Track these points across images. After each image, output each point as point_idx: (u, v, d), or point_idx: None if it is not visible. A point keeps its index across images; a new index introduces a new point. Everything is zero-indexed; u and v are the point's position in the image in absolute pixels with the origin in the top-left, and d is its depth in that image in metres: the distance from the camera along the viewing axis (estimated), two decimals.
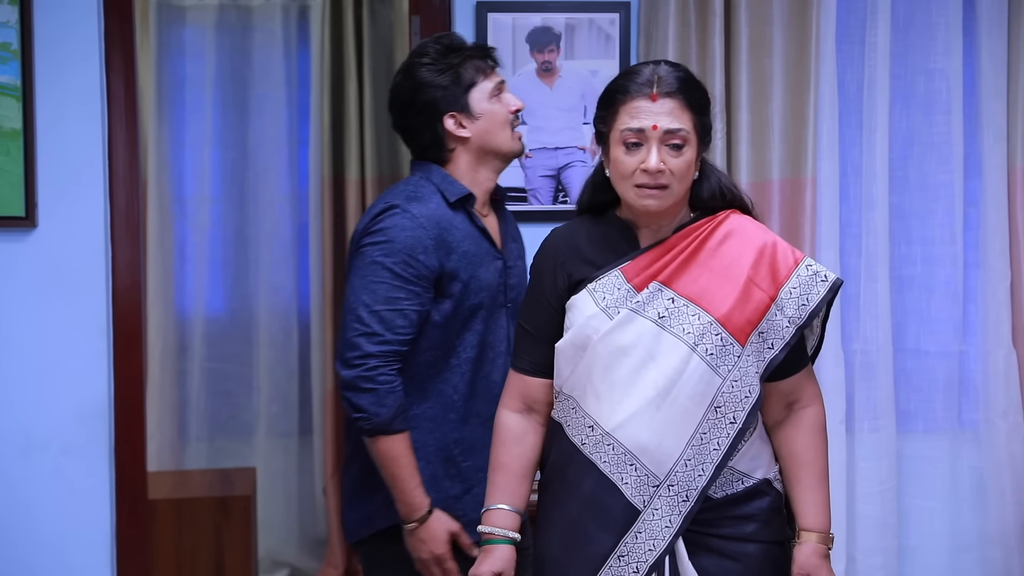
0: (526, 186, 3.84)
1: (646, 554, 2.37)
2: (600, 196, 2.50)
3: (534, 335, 2.49)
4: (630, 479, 2.37)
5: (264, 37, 5.38)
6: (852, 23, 3.87)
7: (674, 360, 2.35)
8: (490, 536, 2.47)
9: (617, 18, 3.83)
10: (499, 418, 2.53)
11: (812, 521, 2.47)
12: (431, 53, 2.81)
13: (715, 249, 2.40)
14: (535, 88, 3.82)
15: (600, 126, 2.43)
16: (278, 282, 5.44)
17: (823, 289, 2.40)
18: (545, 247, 2.53)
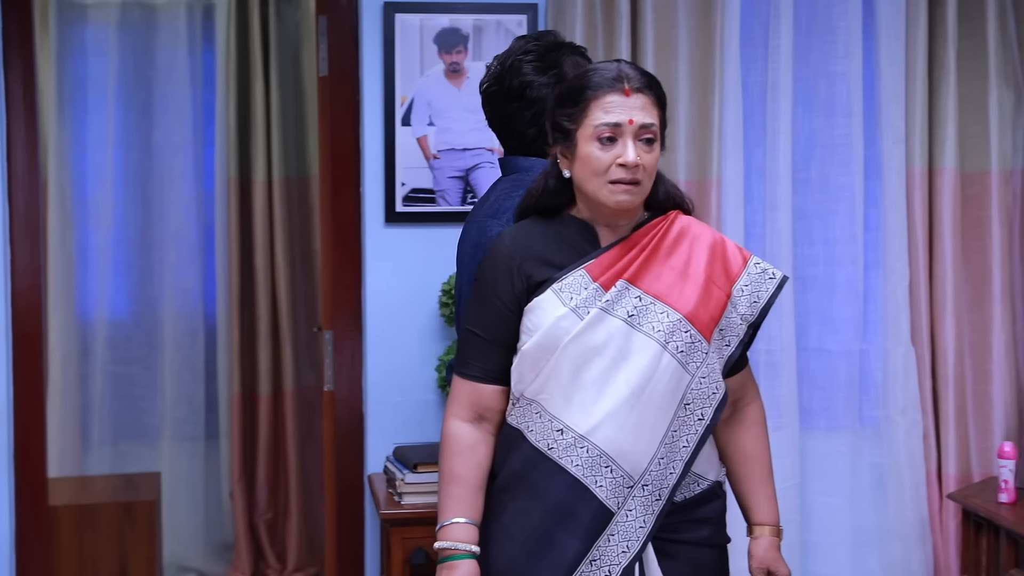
0: (434, 187, 3.84)
1: (619, 557, 2.35)
2: (556, 199, 2.43)
3: (488, 340, 2.40)
4: (605, 482, 2.33)
5: (168, 36, 5.31)
6: (756, 26, 3.92)
7: (646, 358, 2.33)
8: (452, 552, 2.37)
9: (524, 19, 3.84)
10: (449, 428, 2.42)
11: (765, 515, 2.52)
12: (535, 50, 2.81)
13: (671, 248, 2.41)
14: (443, 89, 3.82)
15: (566, 124, 2.36)
16: (183, 284, 5.38)
17: (771, 286, 2.44)
18: (497, 250, 2.42)
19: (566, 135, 2.36)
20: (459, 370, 2.43)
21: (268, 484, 5.35)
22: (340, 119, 3.93)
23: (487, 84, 2.83)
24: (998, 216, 3.92)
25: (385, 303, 3.86)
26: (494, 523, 2.39)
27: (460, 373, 2.43)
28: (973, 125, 3.94)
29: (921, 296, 3.94)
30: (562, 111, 2.36)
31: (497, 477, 2.41)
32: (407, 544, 3.48)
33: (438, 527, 2.39)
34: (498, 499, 2.40)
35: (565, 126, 2.36)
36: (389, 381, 3.87)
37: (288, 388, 5.33)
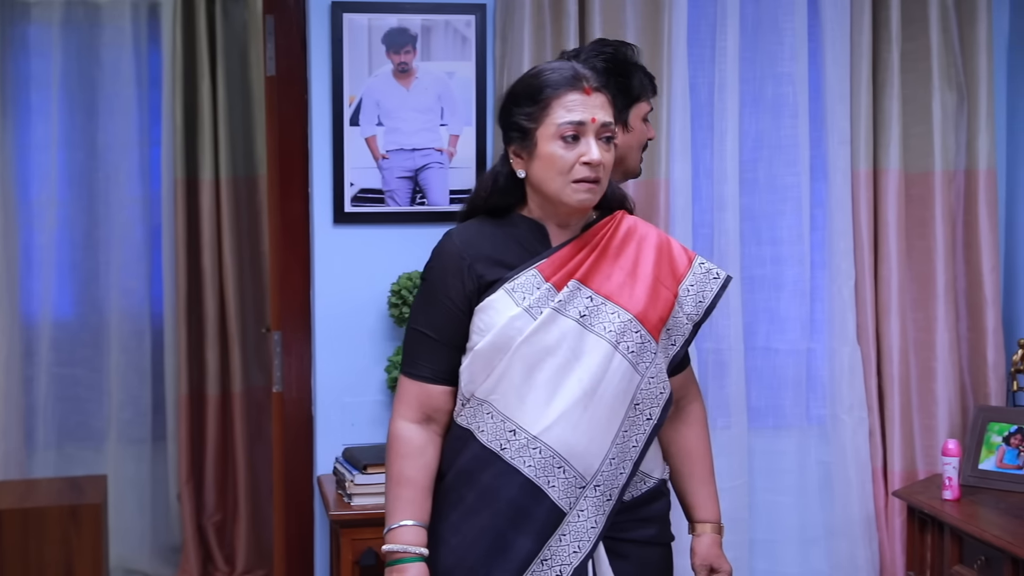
0: (383, 188, 3.83)
1: (570, 556, 2.35)
2: (507, 199, 2.43)
3: (437, 341, 2.39)
4: (557, 482, 2.33)
5: (113, 35, 5.26)
6: (703, 28, 3.94)
7: (597, 358, 2.34)
8: (401, 555, 2.35)
9: (473, 20, 3.84)
10: (397, 430, 2.40)
11: (708, 513, 2.56)
12: (621, 52, 2.94)
13: (620, 248, 2.42)
14: (391, 89, 3.81)
15: (525, 123, 2.34)
16: (129, 285, 5.33)
17: (716, 286, 2.47)
18: (446, 250, 2.40)
19: (525, 134, 2.35)
20: (406, 371, 2.42)
21: (216, 486, 5.32)
22: (288, 119, 3.91)
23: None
24: (941, 216, 3.97)
25: (334, 304, 3.84)
26: (442, 523, 2.39)
27: (407, 374, 2.42)
28: (916, 126, 3.98)
29: (867, 295, 3.98)
30: (520, 110, 2.35)
31: (445, 477, 2.40)
32: (357, 545, 3.47)
33: (386, 530, 2.38)
34: (446, 499, 2.39)
35: (524, 125, 2.34)
36: (338, 382, 3.85)
37: (236, 389, 5.31)
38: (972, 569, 3.37)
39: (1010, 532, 3.24)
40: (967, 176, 4.01)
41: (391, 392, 3.82)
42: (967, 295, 4.04)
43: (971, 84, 3.98)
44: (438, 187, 3.84)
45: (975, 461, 3.73)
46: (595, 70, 2.79)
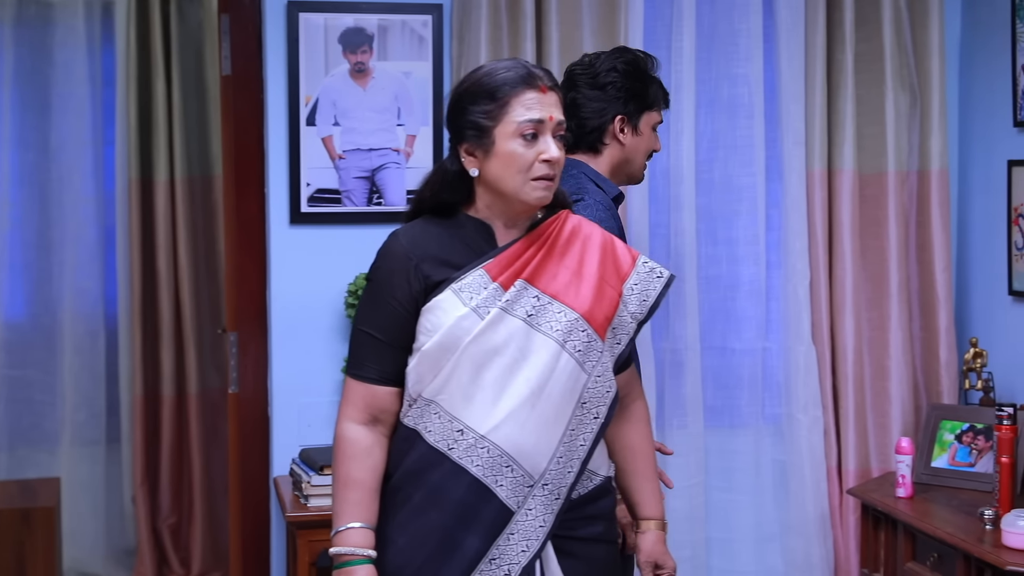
0: (340, 188, 3.82)
1: (519, 556, 2.35)
2: (454, 197, 2.41)
3: (384, 342, 2.37)
4: (505, 481, 2.33)
5: (66, 34, 5.21)
6: (659, 29, 3.96)
7: (545, 358, 2.34)
8: (349, 557, 2.34)
9: (430, 20, 3.83)
10: (344, 431, 2.38)
11: (653, 510, 2.57)
12: (641, 62, 3.10)
13: (565, 247, 2.42)
14: (348, 89, 3.80)
15: (484, 121, 2.33)
16: (83, 286, 5.29)
17: (659, 285, 2.48)
18: (392, 250, 2.39)
19: (481, 132, 2.33)
20: (352, 372, 2.40)
21: (172, 488, 5.28)
22: (244, 118, 3.89)
23: (587, 62, 3.10)
24: (895, 216, 4.00)
25: (290, 304, 3.83)
26: (389, 523, 2.38)
27: (353, 375, 2.40)
28: (870, 127, 4.01)
29: (821, 295, 4.01)
30: (477, 108, 2.33)
31: (392, 477, 2.39)
32: (313, 547, 3.46)
33: (333, 532, 2.37)
34: (393, 499, 2.38)
35: (482, 123, 2.33)
36: (295, 383, 3.84)
37: (192, 391, 5.28)
38: (925, 566, 3.40)
39: (962, 529, 3.27)
40: (920, 176, 4.05)
41: None
42: (920, 294, 4.08)
43: (924, 85, 4.02)
44: (395, 187, 3.84)
45: (928, 459, 3.77)
46: (614, 70, 3.04)
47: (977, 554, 3.12)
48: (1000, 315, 3.98)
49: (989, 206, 4.02)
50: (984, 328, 4.04)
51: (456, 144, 2.38)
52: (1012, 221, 3.86)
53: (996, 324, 3.99)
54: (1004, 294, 3.94)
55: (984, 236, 4.07)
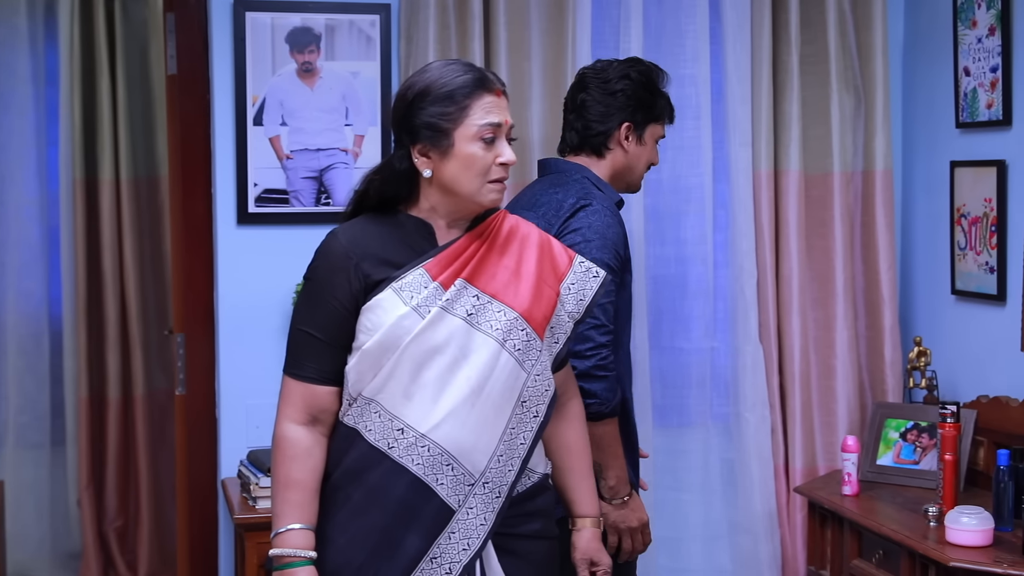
0: (287, 188, 3.80)
1: (459, 554, 2.35)
2: (399, 194, 2.41)
3: (324, 341, 2.36)
4: (446, 480, 2.34)
5: (7, 32, 5.16)
6: (606, 29, 3.97)
7: (485, 356, 2.35)
8: (291, 559, 2.33)
9: (377, 20, 3.82)
10: (284, 432, 2.38)
11: (588, 507, 2.60)
12: (654, 74, 3.17)
13: (503, 247, 2.44)
14: (295, 89, 3.78)
15: (442, 123, 2.33)
16: (27, 287, 5.23)
17: (595, 284, 2.52)
18: (332, 249, 2.38)
19: (439, 134, 2.34)
20: (291, 371, 2.40)
21: (118, 491, 5.24)
22: (190, 118, 3.86)
23: (600, 67, 3.18)
24: (840, 216, 4.04)
25: (238, 305, 3.81)
26: (328, 523, 2.37)
27: (292, 375, 2.39)
28: (815, 128, 4.05)
29: (768, 294, 4.04)
30: (436, 110, 2.33)
31: (331, 477, 2.39)
32: (261, 549, 3.43)
33: (273, 534, 2.36)
34: (332, 499, 2.38)
35: (441, 125, 2.33)
36: (242, 384, 3.82)
37: (138, 393, 5.24)
38: (871, 563, 3.44)
39: (907, 526, 3.31)
40: (864, 177, 4.09)
41: None
42: (865, 294, 4.12)
43: (868, 87, 4.06)
44: (343, 187, 3.83)
45: (873, 457, 3.81)
46: (627, 78, 3.11)
47: (921, 551, 3.15)
48: (943, 314, 4.02)
49: (932, 207, 4.07)
50: (928, 327, 4.09)
51: (408, 145, 2.37)
52: (955, 221, 3.91)
53: (939, 323, 4.04)
54: (947, 293, 3.98)
55: (927, 236, 4.11)
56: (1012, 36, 3.62)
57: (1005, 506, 3.21)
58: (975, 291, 3.83)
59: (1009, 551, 3.05)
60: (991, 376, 3.75)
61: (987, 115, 3.74)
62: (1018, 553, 3.03)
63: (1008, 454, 3.25)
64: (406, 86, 2.40)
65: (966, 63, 3.82)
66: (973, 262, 3.82)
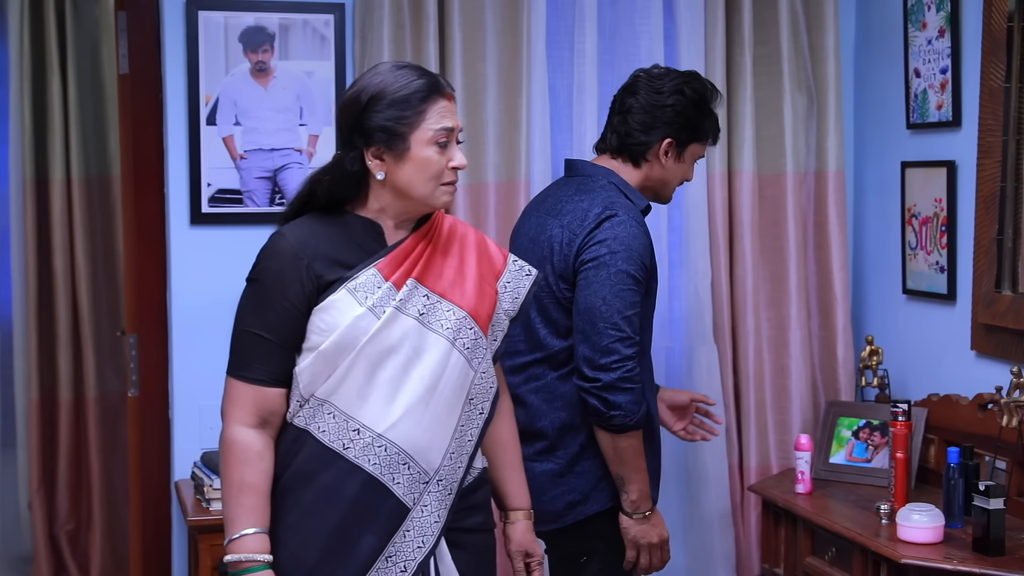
0: (241, 188, 3.78)
1: (415, 552, 2.37)
2: (349, 195, 2.42)
3: (275, 343, 2.35)
4: (402, 479, 2.35)
5: None
6: (561, 30, 3.97)
7: (437, 355, 2.38)
8: (249, 564, 2.32)
9: (332, 19, 3.81)
10: (234, 435, 2.36)
11: (521, 500, 2.66)
12: (707, 95, 3.14)
13: (446, 247, 2.47)
14: (249, 89, 3.76)
15: (399, 127, 2.34)
16: None
17: (528, 282, 2.58)
18: (281, 250, 2.37)
19: (396, 138, 2.35)
20: (240, 374, 2.38)
21: (70, 493, 5.20)
22: (142, 118, 3.84)
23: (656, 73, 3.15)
24: (793, 216, 4.07)
25: (191, 306, 3.78)
26: (278, 526, 2.37)
27: (241, 377, 2.38)
28: (769, 129, 4.07)
29: (723, 294, 4.06)
30: (392, 113, 2.34)
31: (280, 479, 2.38)
32: (216, 551, 3.41)
33: (228, 540, 2.34)
34: (281, 501, 2.37)
35: (398, 129, 2.34)
36: (196, 385, 3.79)
37: (90, 394, 5.19)
38: (824, 560, 3.46)
39: (859, 524, 3.34)
40: (817, 177, 4.12)
41: None
42: (818, 294, 4.14)
43: (820, 87, 4.09)
44: (292, 187, 3.81)
45: (826, 455, 3.83)
46: (680, 93, 3.09)
47: (874, 548, 3.18)
48: (895, 313, 4.06)
49: (884, 207, 4.11)
50: (879, 326, 4.12)
51: (362, 147, 2.37)
52: (906, 221, 3.95)
53: (891, 322, 4.08)
54: (898, 292, 4.02)
55: (879, 236, 4.15)
56: (961, 38, 3.66)
57: (955, 503, 3.25)
58: (926, 290, 3.86)
59: (959, 548, 3.09)
60: (942, 375, 3.79)
61: (937, 116, 3.77)
62: (968, 550, 3.06)
63: (958, 452, 3.28)
64: (358, 89, 2.40)
65: (916, 64, 3.86)
66: (924, 262, 3.86)
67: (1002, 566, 2.95)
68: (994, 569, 2.94)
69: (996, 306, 3.47)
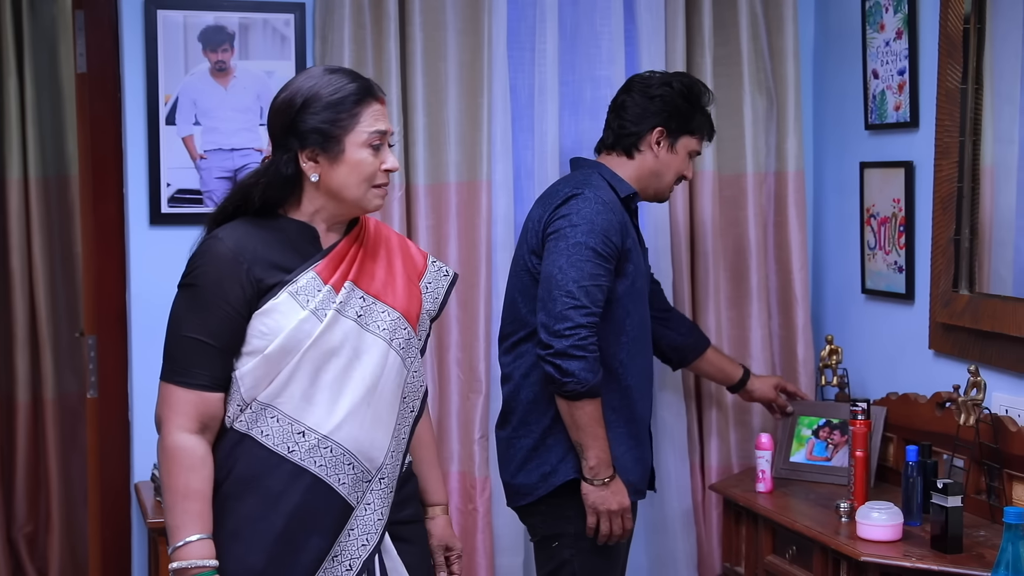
0: (201, 188, 3.76)
1: (359, 550, 2.41)
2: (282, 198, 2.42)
3: (216, 347, 2.34)
4: (347, 478, 2.38)
5: None
6: (523, 31, 3.98)
7: (376, 356, 2.42)
8: (197, 570, 2.30)
9: (292, 19, 3.80)
10: (177, 441, 2.33)
11: (440, 496, 2.72)
12: (696, 88, 3.35)
13: (375, 249, 2.50)
14: (209, 88, 3.74)
15: (333, 129, 2.36)
16: None
17: (446, 283, 2.63)
18: (219, 253, 2.37)
19: (330, 140, 2.37)
20: (179, 379, 2.35)
21: (28, 496, 5.16)
22: (100, 117, 3.81)
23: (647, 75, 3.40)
24: (754, 216, 4.08)
25: (151, 306, 3.76)
26: (220, 531, 2.36)
27: (181, 383, 2.35)
28: (729, 129, 4.08)
29: (684, 294, 4.07)
30: (327, 116, 2.37)
31: (221, 485, 2.37)
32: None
33: (173, 547, 2.32)
34: (223, 506, 2.37)
35: (332, 132, 2.37)
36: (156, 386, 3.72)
37: (48, 396, 5.15)
38: (784, 558, 3.48)
39: (819, 522, 3.36)
40: (777, 178, 4.14)
41: None
42: (778, 293, 4.16)
43: (780, 88, 4.11)
44: None
45: (786, 454, 3.85)
46: (669, 85, 3.31)
47: (834, 546, 3.20)
48: (854, 313, 4.09)
49: (843, 207, 4.13)
50: (839, 325, 4.15)
51: (296, 149, 2.39)
52: (864, 222, 3.97)
53: (850, 322, 4.11)
54: (857, 292, 4.05)
55: (838, 236, 4.18)
56: (919, 40, 3.69)
57: (914, 501, 3.27)
58: (884, 290, 3.89)
59: (918, 545, 3.11)
60: (900, 373, 3.82)
61: (895, 117, 3.80)
62: (926, 547, 3.09)
63: (917, 450, 3.30)
64: (291, 92, 2.42)
65: (874, 66, 3.89)
66: (883, 261, 3.89)
67: (960, 563, 2.97)
68: (952, 566, 2.96)
69: (953, 306, 3.50)
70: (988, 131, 3.44)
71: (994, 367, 3.35)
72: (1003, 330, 3.29)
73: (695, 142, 3.37)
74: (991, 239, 3.46)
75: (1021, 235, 3.39)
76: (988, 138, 3.44)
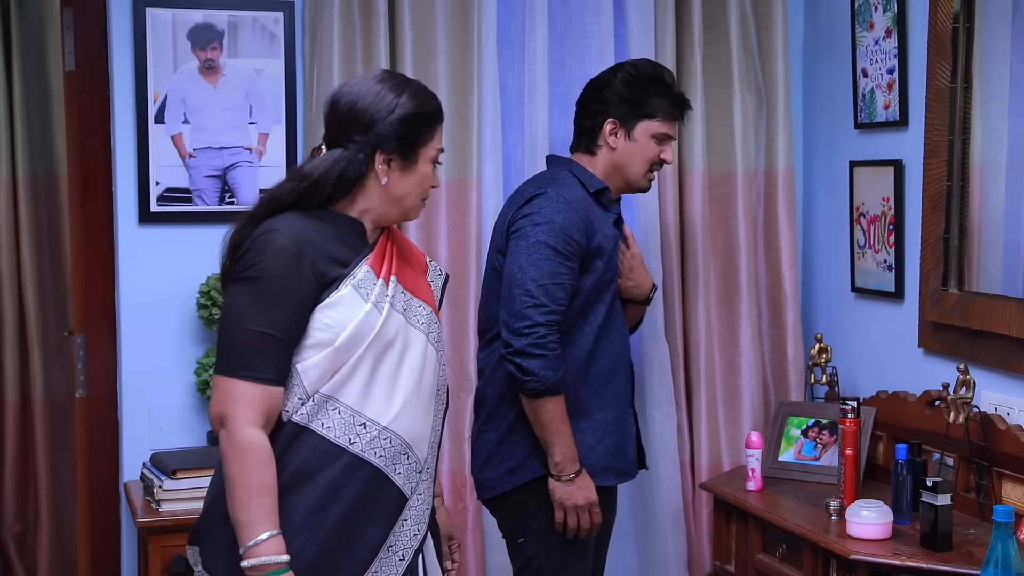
0: (190, 187, 3.75)
1: (411, 540, 2.44)
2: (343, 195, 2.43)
3: (285, 341, 2.32)
4: (403, 469, 2.42)
5: None
6: (512, 29, 3.98)
7: (419, 349, 2.47)
8: (276, 567, 2.28)
9: (281, 17, 3.79)
10: (249, 436, 2.29)
11: (439, 486, 2.71)
12: (645, 70, 3.33)
13: (403, 247, 2.57)
14: (198, 86, 3.73)
15: (417, 140, 2.44)
16: None
17: (441, 281, 2.68)
18: (283, 247, 2.33)
19: (411, 150, 2.44)
20: (246, 374, 2.31)
21: (16, 495, 5.14)
22: (89, 116, 3.80)
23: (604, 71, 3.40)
24: (743, 215, 4.09)
25: (140, 305, 3.76)
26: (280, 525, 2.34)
27: (248, 377, 2.31)
28: (719, 128, 4.09)
29: (674, 293, 4.07)
30: (417, 128, 2.44)
31: (279, 478, 2.34)
32: (166, 553, 3.39)
33: (251, 543, 2.28)
34: (283, 501, 2.34)
35: (416, 142, 2.44)
36: (145, 385, 3.77)
37: (37, 395, 5.13)
38: (774, 557, 3.49)
39: (808, 520, 3.36)
40: (767, 176, 4.15)
41: (200, 395, 3.74)
42: (768, 292, 4.17)
43: (769, 87, 4.11)
44: (247, 186, 3.79)
45: (776, 453, 3.86)
46: (613, 75, 3.32)
47: (823, 544, 3.20)
48: (843, 311, 4.09)
49: (832, 206, 4.14)
50: (828, 324, 4.16)
51: (372, 149, 2.41)
52: (854, 220, 3.98)
53: (840, 320, 4.11)
54: (847, 291, 4.05)
55: (828, 235, 4.18)
56: (908, 39, 3.70)
57: (904, 499, 3.28)
58: (874, 288, 3.90)
59: (907, 543, 3.12)
60: (890, 372, 3.83)
61: (884, 116, 3.81)
62: (916, 545, 3.09)
63: (906, 448, 3.31)
64: (392, 93, 2.42)
65: (864, 65, 3.89)
66: (872, 260, 3.90)
67: (949, 561, 2.98)
68: (941, 564, 2.97)
69: (943, 304, 3.50)
70: (977, 130, 3.45)
71: (983, 365, 3.35)
72: (992, 328, 3.29)
73: (657, 124, 3.29)
74: (980, 238, 3.47)
75: (1010, 234, 3.40)
76: (977, 137, 3.45)
